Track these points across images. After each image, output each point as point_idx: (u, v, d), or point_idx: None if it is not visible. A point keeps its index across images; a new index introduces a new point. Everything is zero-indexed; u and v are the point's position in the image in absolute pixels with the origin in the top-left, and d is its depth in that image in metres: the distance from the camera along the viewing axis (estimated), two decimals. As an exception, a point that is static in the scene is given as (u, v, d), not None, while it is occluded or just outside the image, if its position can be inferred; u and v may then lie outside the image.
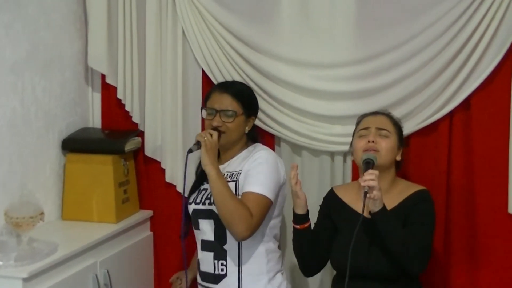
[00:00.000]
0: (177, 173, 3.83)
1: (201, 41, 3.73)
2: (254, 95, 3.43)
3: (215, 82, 3.70)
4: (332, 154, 3.67)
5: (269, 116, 3.66)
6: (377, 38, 3.52)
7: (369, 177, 2.89)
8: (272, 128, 3.68)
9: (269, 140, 3.66)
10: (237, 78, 3.67)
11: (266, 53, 3.66)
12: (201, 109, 3.41)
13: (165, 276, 3.91)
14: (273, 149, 3.62)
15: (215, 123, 3.24)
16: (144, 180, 3.94)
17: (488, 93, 3.41)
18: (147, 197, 3.94)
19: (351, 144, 3.26)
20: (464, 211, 3.48)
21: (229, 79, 3.66)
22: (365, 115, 3.28)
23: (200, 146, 3.14)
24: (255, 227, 3.11)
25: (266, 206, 3.16)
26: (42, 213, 3.10)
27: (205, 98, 3.40)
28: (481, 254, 3.48)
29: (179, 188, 3.84)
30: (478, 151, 3.45)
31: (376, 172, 2.92)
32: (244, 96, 3.33)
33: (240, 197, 3.16)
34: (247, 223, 3.06)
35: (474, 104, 3.44)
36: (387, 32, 3.50)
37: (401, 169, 3.30)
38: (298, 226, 3.17)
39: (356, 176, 3.52)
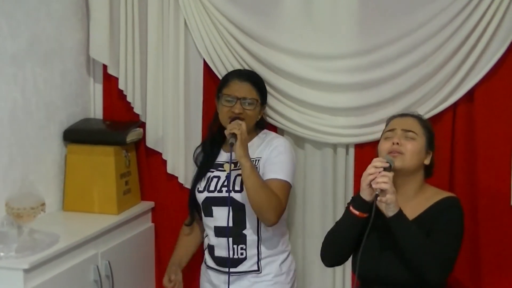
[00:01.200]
0: (179, 165, 3.83)
1: (203, 31, 3.72)
2: (264, 82, 3.54)
3: (217, 73, 3.69)
4: (334, 146, 3.65)
5: (272, 107, 3.65)
6: (380, 29, 3.51)
7: (382, 180, 2.78)
8: (274, 120, 3.68)
9: (272, 131, 3.64)
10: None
11: (269, 44, 3.65)
12: (218, 97, 3.43)
13: (166, 268, 3.91)
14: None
15: (237, 111, 3.33)
16: (146, 172, 3.94)
17: (492, 85, 3.40)
18: (148, 189, 3.94)
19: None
20: (466, 204, 3.45)
21: (231, 70, 3.65)
22: (393, 117, 3.15)
23: (236, 138, 3.18)
24: (283, 212, 3.30)
25: (289, 191, 3.34)
26: (43, 204, 3.09)
27: (220, 85, 3.46)
28: (483, 247, 3.47)
29: (181, 180, 3.83)
30: (481, 143, 3.44)
31: (390, 174, 2.81)
32: (261, 85, 3.47)
33: None
34: (279, 210, 3.24)
35: (477, 96, 3.43)
36: (390, 24, 3.49)
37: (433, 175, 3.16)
38: (357, 213, 2.90)
39: (358, 168, 3.51)
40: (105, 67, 3.86)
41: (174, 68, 3.77)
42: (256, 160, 3.33)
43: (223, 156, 3.45)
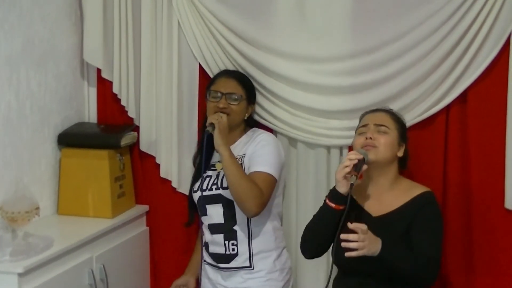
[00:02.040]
0: (172, 169, 3.83)
1: (197, 35, 3.72)
2: (252, 83, 3.60)
3: (212, 76, 3.69)
4: (328, 148, 3.66)
5: (265, 109, 3.66)
6: (373, 32, 3.51)
7: (353, 227, 2.83)
8: (268, 121, 3.68)
9: (261, 129, 3.64)
10: (233, 71, 3.67)
11: (262, 47, 3.65)
12: (206, 95, 3.52)
13: (161, 271, 3.91)
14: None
15: (221, 105, 3.41)
16: (140, 175, 3.93)
17: (485, 87, 3.40)
18: (143, 192, 3.94)
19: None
20: (460, 206, 3.48)
21: (223, 71, 3.67)
22: (365, 113, 3.27)
23: (214, 127, 3.27)
24: (265, 203, 3.29)
25: (273, 184, 3.34)
26: (37, 208, 3.09)
27: (209, 84, 3.56)
28: (477, 249, 3.47)
29: (174, 184, 3.83)
30: (474, 145, 3.44)
31: (362, 227, 2.84)
32: (247, 82, 3.55)
33: None
34: (259, 200, 3.23)
35: (471, 98, 3.43)
36: (384, 26, 3.49)
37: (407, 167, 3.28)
38: (333, 205, 3.02)
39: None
40: (99, 70, 3.86)
41: (168, 72, 3.77)
42: (241, 157, 3.39)
43: (216, 157, 3.47)
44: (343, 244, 2.86)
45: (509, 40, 3.32)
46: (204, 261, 3.53)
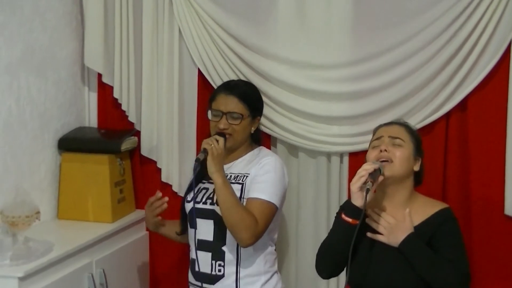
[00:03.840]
0: (173, 173, 3.84)
1: (197, 41, 3.73)
2: (259, 94, 3.43)
3: (212, 82, 3.70)
4: (328, 155, 3.66)
5: (266, 116, 3.64)
6: (373, 39, 3.52)
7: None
8: (268, 128, 3.68)
9: (266, 140, 3.65)
10: (234, 78, 3.65)
11: (263, 53, 3.66)
12: (207, 110, 3.35)
13: (161, 276, 3.92)
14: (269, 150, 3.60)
15: (221, 126, 3.23)
16: (140, 180, 3.94)
17: (485, 95, 3.41)
18: (143, 197, 3.92)
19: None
20: (460, 213, 3.46)
21: (226, 79, 3.65)
22: (379, 126, 3.12)
23: (207, 153, 3.09)
24: (260, 234, 3.12)
25: (272, 212, 3.17)
26: (38, 213, 3.09)
27: (210, 99, 3.37)
28: (477, 256, 3.48)
29: (175, 188, 3.84)
30: (474, 152, 3.45)
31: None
32: (250, 98, 3.32)
33: (245, 200, 3.17)
34: (252, 231, 3.07)
35: (470, 106, 3.44)
36: (384, 33, 3.50)
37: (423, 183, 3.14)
38: (350, 220, 2.84)
39: (352, 177, 3.50)
40: (99, 75, 3.87)
41: (169, 77, 3.78)
42: (244, 175, 3.24)
43: None
44: (368, 221, 2.87)
45: (509, 48, 3.33)
46: (189, 282, 3.34)
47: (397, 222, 2.90)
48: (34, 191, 3.48)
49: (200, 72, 3.78)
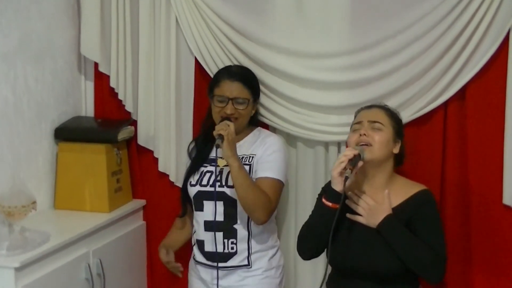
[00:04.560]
0: (170, 163, 3.83)
1: (194, 30, 3.71)
2: (256, 77, 3.56)
3: (208, 71, 3.69)
4: (326, 144, 3.65)
5: (263, 106, 3.65)
6: (372, 27, 3.50)
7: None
8: (266, 118, 3.67)
9: (265, 129, 3.64)
10: (231, 65, 3.66)
11: (261, 42, 3.64)
12: (211, 96, 3.44)
13: (158, 266, 3.90)
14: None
15: (228, 111, 3.36)
16: (137, 170, 3.93)
17: (484, 83, 3.39)
18: (140, 187, 3.94)
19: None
20: (458, 202, 3.47)
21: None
22: (360, 109, 3.22)
23: (223, 138, 3.21)
24: (273, 210, 3.37)
25: (281, 189, 3.39)
26: (34, 202, 3.09)
27: (211, 84, 3.47)
28: (476, 245, 3.48)
29: (172, 178, 3.83)
30: (472, 141, 3.44)
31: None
32: (252, 82, 3.48)
33: (253, 179, 3.32)
34: (267, 209, 3.29)
35: (469, 94, 3.42)
36: (382, 22, 3.48)
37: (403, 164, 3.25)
38: (331, 204, 2.97)
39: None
40: (96, 65, 3.86)
41: (166, 66, 3.76)
42: (250, 156, 3.39)
43: (215, 152, 3.44)
44: (348, 203, 2.97)
45: (508, 37, 3.31)
46: (196, 261, 3.50)
47: (376, 204, 3.01)
48: (31, 180, 3.47)
49: (197, 61, 3.76)
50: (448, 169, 3.49)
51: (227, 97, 3.37)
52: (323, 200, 3.01)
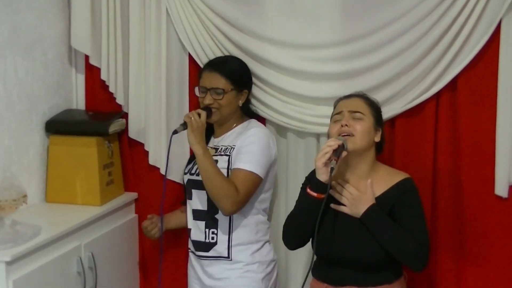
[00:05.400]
0: (161, 156, 3.82)
1: (185, 22, 3.70)
2: (246, 69, 3.55)
3: (200, 63, 3.68)
4: (317, 136, 3.65)
5: (255, 97, 3.64)
6: (363, 18, 3.50)
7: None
8: (257, 109, 3.66)
9: (258, 122, 3.62)
10: (222, 60, 3.64)
11: (252, 34, 3.63)
12: (195, 87, 3.51)
13: (150, 259, 3.91)
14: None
15: (206, 101, 3.40)
16: (129, 162, 3.92)
17: (475, 74, 3.39)
18: (131, 180, 3.93)
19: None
20: (450, 193, 3.47)
21: (213, 59, 3.65)
22: (339, 99, 3.23)
23: (186, 126, 3.29)
24: (241, 202, 3.30)
25: (255, 182, 3.33)
26: (25, 196, 3.08)
27: (198, 76, 3.55)
28: (468, 235, 3.48)
29: (162, 171, 3.81)
30: (464, 132, 3.43)
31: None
32: (233, 72, 3.46)
33: (231, 171, 3.33)
34: (233, 199, 3.25)
35: (461, 85, 3.42)
36: (373, 13, 3.48)
37: (384, 151, 3.28)
38: (316, 195, 2.98)
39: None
40: (87, 57, 3.85)
41: (156, 59, 3.75)
42: (231, 147, 3.39)
43: (210, 142, 3.50)
44: (332, 193, 3.00)
45: (499, 26, 3.31)
46: (189, 249, 3.54)
47: (359, 194, 3.03)
48: (22, 174, 3.46)
49: (189, 54, 3.75)
50: (440, 160, 3.48)
51: (206, 87, 3.42)
52: (308, 190, 3.01)
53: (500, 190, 3.39)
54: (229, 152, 3.38)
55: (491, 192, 3.42)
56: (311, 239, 3.15)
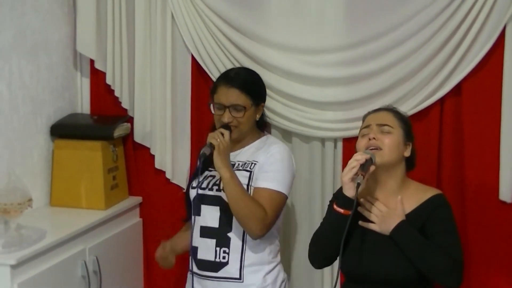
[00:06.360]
0: (166, 160, 3.82)
1: (190, 26, 3.70)
2: (261, 81, 3.37)
3: (205, 67, 3.68)
4: (322, 140, 3.65)
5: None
6: (368, 23, 3.50)
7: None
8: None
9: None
10: (227, 64, 3.64)
11: (256, 38, 3.63)
12: (209, 104, 3.27)
13: (154, 263, 3.88)
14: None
15: (225, 120, 3.18)
16: (133, 166, 3.92)
17: (480, 79, 3.39)
18: (136, 184, 3.93)
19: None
20: (455, 198, 3.46)
21: (219, 64, 3.65)
22: (368, 113, 3.11)
23: (213, 148, 3.06)
24: (270, 224, 3.13)
25: (282, 202, 3.18)
26: (30, 200, 3.08)
27: (212, 91, 3.29)
28: (472, 241, 3.47)
29: (168, 175, 3.82)
30: (469, 137, 3.43)
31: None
32: (251, 87, 3.26)
33: (252, 188, 3.15)
34: (263, 223, 3.08)
35: (465, 90, 3.42)
36: (378, 18, 3.48)
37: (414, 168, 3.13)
38: (342, 211, 2.84)
39: (346, 162, 3.49)
40: (92, 61, 3.85)
41: (162, 63, 3.75)
42: (252, 163, 3.21)
43: None
44: (361, 210, 2.89)
45: (503, 32, 3.31)
46: (191, 271, 3.28)
47: (388, 210, 2.90)
48: (27, 177, 3.45)
49: (193, 58, 3.75)
50: (444, 164, 3.49)
51: (223, 104, 3.18)
52: (335, 206, 2.87)
53: (504, 195, 3.39)
54: (250, 168, 3.19)
55: (495, 197, 3.42)
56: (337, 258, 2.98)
